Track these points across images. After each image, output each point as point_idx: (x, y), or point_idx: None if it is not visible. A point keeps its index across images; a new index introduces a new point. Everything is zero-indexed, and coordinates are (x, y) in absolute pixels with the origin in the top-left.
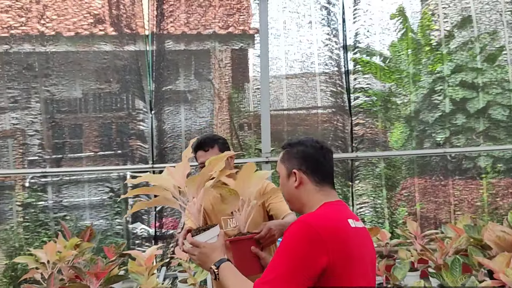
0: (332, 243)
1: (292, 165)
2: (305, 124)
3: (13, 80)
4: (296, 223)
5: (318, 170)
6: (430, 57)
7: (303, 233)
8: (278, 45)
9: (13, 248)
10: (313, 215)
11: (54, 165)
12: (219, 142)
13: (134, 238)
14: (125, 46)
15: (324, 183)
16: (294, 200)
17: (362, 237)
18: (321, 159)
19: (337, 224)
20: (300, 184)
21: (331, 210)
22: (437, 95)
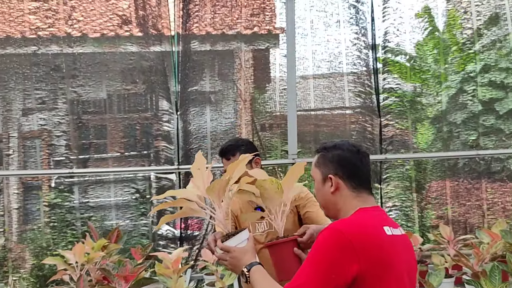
0: (364, 251)
1: (328, 169)
2: (332, 125)
3: (40, 81)
4: (327, 229)
5: (355, 175)
6: (457, 56)
7: (333, 240)
8: (305, 45)
9: (40, 248)
10: (345, 221)
11: (81, 165)
12: (241, 149)
13: (159, 239)
14: (151, 47)
15: (361, 189)
16: (330, 205)
17: (399, 246)
18: (358, 164)
19: (370, 231)
20: (336, 189)
21: (366, 217)
22: (466, 95)
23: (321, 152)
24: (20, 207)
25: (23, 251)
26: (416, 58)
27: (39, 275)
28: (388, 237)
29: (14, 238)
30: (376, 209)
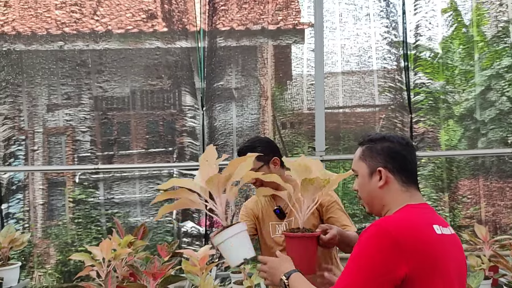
0: (413, 251)
1: (377, 162)
2: (361, 121)
3: (66, 76)
4: (373, 227)
5: (405, 169)
6: (486, 52)
7: (380, 240)
8: (334, 39)
9: (64, 244)
10: (392, 219)
11: (106, 161)
12: (257, 150)
13: (184, 237)
14: (177, 42)
15: (410, 184)
16: (375, 201)
17: (449, 246)
18: (408, 157)
19: (419, 230)
20: (385, 183)
21: (414, 214)
22: (494, 93)
23: (367, 144)
24: (45, 202)
25: (48, 246)
26: (447, 53)
27: (63, 271)
28: (437, 237)
29: (39, 233)
30: (424, 206)
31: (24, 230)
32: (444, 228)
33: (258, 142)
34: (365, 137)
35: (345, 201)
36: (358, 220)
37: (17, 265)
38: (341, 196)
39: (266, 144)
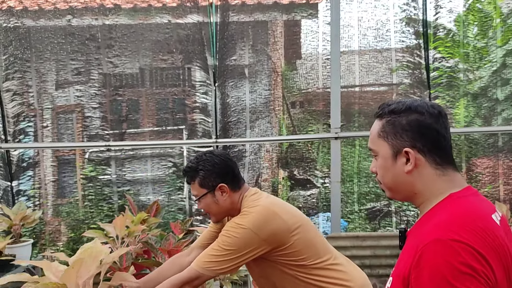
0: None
1: (402, 141)
2: (378, 96)
3: (76, 51)
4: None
5: (438, 147)
6: (503, 28)
7: (458, 257)
8: (351, 11)
9: (76, 222)
10: (450, 224)
11: (117, 138)
12: (199, 175)
13: (196, 214)
14: (188, 15)
15: (446, 165)
16: (402, 187)
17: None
18: (442, 131)
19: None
20: (414, 167)
21: (467, 207)
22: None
23: (388, 117)
24: (56, 180)
25: (60, 224)
26: (464, 30)
27: (75, 249)
28: (498, 228)
29: (50, 211)
30: (470, 191)
31: (35, 208)
32: (496, 214)
33: (202, 164)
34: (384, 108)
35: (361, 180)
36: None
37: (29, 242)
38: (353, 174)
39: (212, 167)
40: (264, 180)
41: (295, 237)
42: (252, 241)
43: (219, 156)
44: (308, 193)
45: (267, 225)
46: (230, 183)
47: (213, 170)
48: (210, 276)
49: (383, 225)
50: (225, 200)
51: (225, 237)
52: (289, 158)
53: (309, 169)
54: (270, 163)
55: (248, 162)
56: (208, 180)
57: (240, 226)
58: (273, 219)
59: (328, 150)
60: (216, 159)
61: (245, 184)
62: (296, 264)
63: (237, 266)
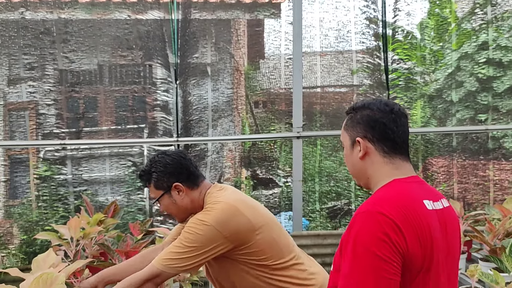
0: (409, 233)
1: (356, 132)
2: (339, 96)
3: (29, 45)
4: (362, 213)
5: (386, 138)
6: (457, 33)
7: (375, 225)
8: (312, 12)
9: (29, 223)
10: (380, 199)
11: (73, 137)
12: (153, 176)
13: (156, 215)
14: (149, 11)
15: (394, 154)
16: (359, 173)
17: (442, 221)
18: (391, 125)
19: (410, 208)
20: (365, 154)
21: (402, 191)
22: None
23: (350, 113)
24: (7, 180)
25: (12, 226)
26: (421, 33)
27: (28, 252)
28: (429, 213)
29: (1, 212)
30: (413, 179)
31: None
32: (436, 202)
33: (155, 167)
34: (350, 106)
35: (322, 179)
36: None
37: None
38: (315, 174)
39: (164, 168)
40: (227, 179)
41: (259, 236)
42: (215, 238)
43: (171, 156)
44: (270, 192)
45: (230, 222)
46: (185, 181)
47: (165, 171)
48: (171, 274)
49: (344, 224)
50: (183, 199)
51: (187, 233)
52: (252, 157)
53: (271, 168)
54: (233, 162)
55: (210, 161)
56: (162, 181)
57: (202, 222)
58: (237, 216)
59: (290, 150)
60: (168, 159)
61: (206, 181)
62: (258, 264)
63: (199, 264)
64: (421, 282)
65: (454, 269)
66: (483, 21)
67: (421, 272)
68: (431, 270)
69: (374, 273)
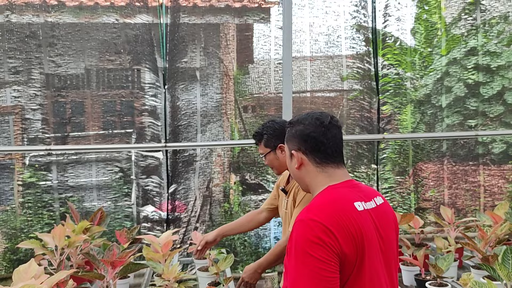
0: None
1: (292, 145)
2: (329, 101)
3: (14, 49)
4: (298, 222)
5: (317, 150)
6: (446, 38)
7: (310, 231)
8: (302, 17)
9: (14, 231)
10: (312, 208)
11: (59, 142)
12: (264, 137)
13: (144, 222)
14: (137, 15)
15: (326, 164)
16: (299, 180)
17: (375, 218)
18: (321, 138)
19: (341, 212)
20: (300, 165)
21: (334, 197)
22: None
23: (288, 127)
24: None
25: None
26: (411, 38)
27: (12, 259)
28: (359, 213)
29: None
30: (346, 184)
31: None
32: (368, 203)
33: (266, 129)
34: (289, 120)
35: None
36: None
37: None
38: None
39: (273, 132)
40: (216, 185)
41: None
42: None
43: (279, 123)
44: (260, 198)
45: None
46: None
47: (274, 134)
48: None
49: None
50: (284, 156)
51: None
52: (241, 162)
53: (260, 174)
54: (222, 168)
55: (198, 166)
56: (270, 141)
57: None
58: None
59: None
60: (276, 125)
61: None
62: None
63: None
64: (356, 275)
65: (392, 258)
66: (472, 26)
67: (356, 266)
68: (364, 263)
69: (312, 271)
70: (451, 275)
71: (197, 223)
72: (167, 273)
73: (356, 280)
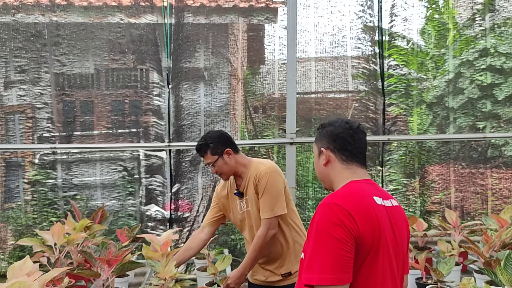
0: (360, 219)
1: (322, 144)
2: (334, 103)
3: (20, 48)
4: (322, 205)
5: (345, 149)
6: (457, 39)
7: (332, 214)
8: (307, 17)
9: (20, 228)
10: (337, 194)
11: (64, 141)
12: (209, 147)
13: (147, 221)
14: (142, 15)
15: (351, 162)
16: (324, 177)
17: (388, 215)
18: (349, 139)
19: (362, 201)
20: (328, 162)
21: (356, 188)
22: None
23: (319, 129)
24: None
25: (2, 230)
26: (420, 39)
27: (20, 256)
28: (377, 206)
29: None
30: (366, 181)
31: None
32: (385, 200)
33: (210, 139)
34: (320, 123)
35: (316, 186)
36: None
37: None
38: (309, 180)
39: (217, 139)
40: None
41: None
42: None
43: (218, 131)
44: None
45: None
46: (232, 147)
47: (218, 141)
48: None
49: None
50: (231, 159)
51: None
52: None
53: None
54: None
55: (202, 166)
56: (217, 148)
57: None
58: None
59: (284, 155)
60: (217, 133)
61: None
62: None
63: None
64: (371, 261)
65: (403, 258)
66: (482, 27)
67: (371, 252)
68: (379, 252)
69: (330, 249)
70: (454, 279)
71: (200, 223)
72: (163, 273)
73: (372, 266)
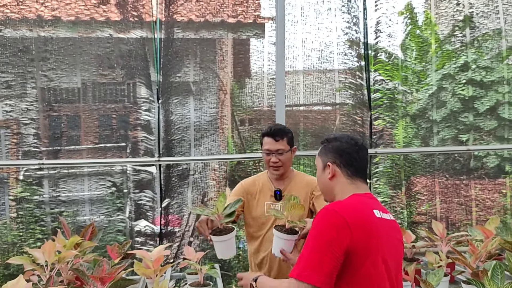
0: (356, 228)
1: (327, 158)
2: (322, 117)
3: (7, 63)
4: (323, 210)
5: (351, 165)
6: (439, 53)
7: (330, 219)
8: (295, 33)
9: (5, 246)
10: (339, 203)
11: (51, 156)
12: (288, 136)
13: (136, 236)
14: (131, 31)
15: (355, 177)
16: (328, 191)
17: (386, 228)
18: (354, 155)
19: (361, 212)
20: (333, 176)
21: (357, 200)
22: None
23: (324, 143)
24: None
25: None
26: (403, 53)
27: (5, 274)
28: (377, 219)
29: None
30: (368, 195)
31: None
32: (384, 214)
33: (288, 129)
34: (324, 138)
35: None
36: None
37: None
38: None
39: (292, 134)
40: (210, 199)
41: None
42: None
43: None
44: None
45: None
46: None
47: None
48: None
49: None
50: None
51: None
52: (237, 176)
53: None
54: (217, 181)
55: (192, 181)
56: (292, 141)
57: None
58: None
59: None
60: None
61: None
62: None
63: None
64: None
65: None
66: (463, 43)
67: (367, 261)
68: (377, 263)
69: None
70: None
71: (190, 238)
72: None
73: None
